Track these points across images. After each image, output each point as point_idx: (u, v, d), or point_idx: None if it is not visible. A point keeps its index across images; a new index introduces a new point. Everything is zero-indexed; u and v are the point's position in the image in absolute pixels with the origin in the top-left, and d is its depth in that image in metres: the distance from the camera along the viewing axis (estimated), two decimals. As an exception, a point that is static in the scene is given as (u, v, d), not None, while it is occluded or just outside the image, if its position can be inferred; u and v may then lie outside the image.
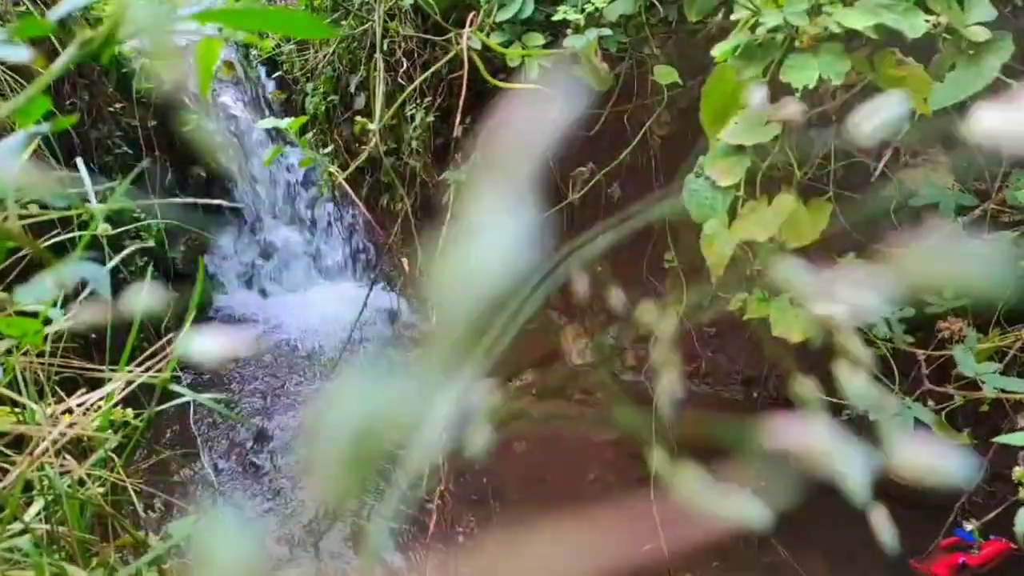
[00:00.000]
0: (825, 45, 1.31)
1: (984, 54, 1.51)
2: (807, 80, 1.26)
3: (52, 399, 0.97)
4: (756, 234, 1.41)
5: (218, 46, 0.49)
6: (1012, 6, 1.68)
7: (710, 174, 1.47)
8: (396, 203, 2.93)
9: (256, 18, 0.43)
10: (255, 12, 0.43)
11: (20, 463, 0.72)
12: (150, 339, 1.19)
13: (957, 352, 1.70)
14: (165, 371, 0.94)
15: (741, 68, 1.39)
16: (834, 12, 1.26)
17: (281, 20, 0.43)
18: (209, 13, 0.43)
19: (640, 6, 1.87)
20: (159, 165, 2.93)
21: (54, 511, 0.91)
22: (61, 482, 0.88)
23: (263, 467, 2.47)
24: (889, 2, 1.31)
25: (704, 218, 1.46)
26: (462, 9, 2.18)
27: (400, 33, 2.44)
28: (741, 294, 1.82)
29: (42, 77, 0.39)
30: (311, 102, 3.17)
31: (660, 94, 2.15)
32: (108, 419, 0.95)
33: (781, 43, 1.35)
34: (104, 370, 0.95)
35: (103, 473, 0.96)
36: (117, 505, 1.06)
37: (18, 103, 0.41)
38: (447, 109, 2.78)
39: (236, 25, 0.44)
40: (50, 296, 0.35)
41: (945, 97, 1.51)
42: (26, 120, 0.43)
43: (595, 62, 1.66)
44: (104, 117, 2.73)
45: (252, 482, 2.41)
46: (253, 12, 0.43)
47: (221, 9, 0.42)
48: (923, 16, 1.32)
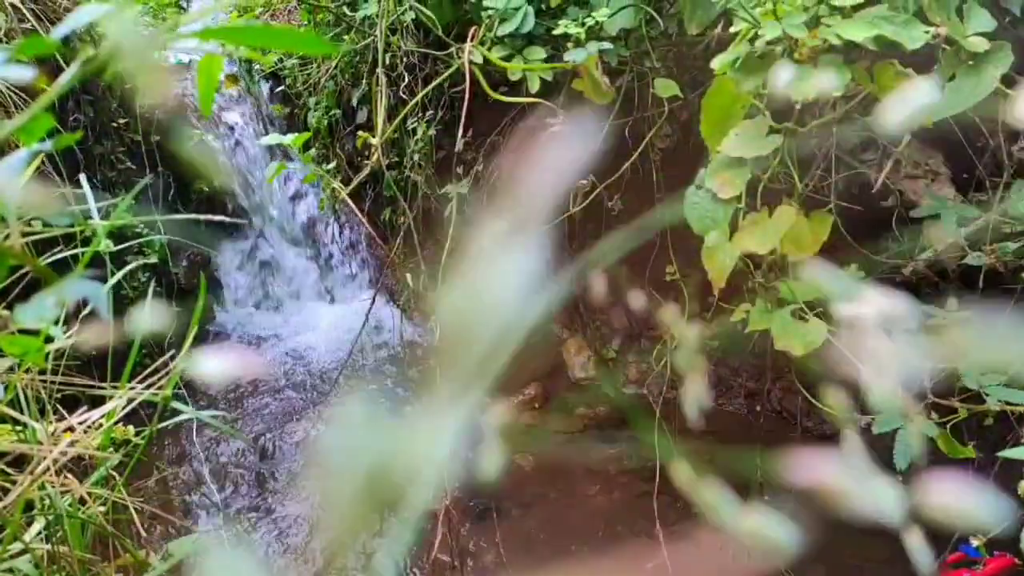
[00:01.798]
0: (824, 57, 1.31)
1: (983, 64, 1.51)
2: (807, 92, 1.26)
3: (53, 416, 0.96)
4: (757, 247, 1.41)
5: (220, 63, 0.49)
6: (1011, 16, 1.68)
7: (711, 186, 1.47)
8: (398, 217, 2.93)
9: (259, 35, 0.43)
10: (258, 30, 0.43)
11: (21, 483, 0.71)
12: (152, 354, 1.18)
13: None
14: (167, 388, 0.94)
15: (741, 80, 1.39)
16: (833, 24, 1.26)
17: (284, 38, 0.43)
18: (211, 31, 0.43)
19: (640, 19, 1.88)
20: (162, 180, 2.93)
21: (55, 531, 0.90)
22: (62, 501, 0.88)
23: (264, 483, 2.46)
24: (888, 13, 1.32)
25: (705, 231, 1.46)
26: (463, 24, 2.18)
27: (402, 48, 2.44)
28: (744, 306, 1.82)
29: (45, 95, 0.39)
30: (313, 116, 3.18)
31: (660, 106, 2.16)
32: (109, 437, 0.95)
33: (780, 55, 1.35)
34: (106, 387, 0.95)
35: (104, 492, 0.95)
36: (118, 524, 1.06)
37: (22, 121, 0.41)
38: (448, 122, 2.79)
39: (239, 43, 0.44)
40: (51, 315, 0.35)
41: (945, 108, 1.51)
42: (30, 138, 0.43)
43: (596, 76, 1.67)
44: (108, 133, 2.74)
45: (253, 498, 2.40)
46: (256, 30, 0.43)
47: (224, 27, 0.42)
48: (923, 27, 1.32)
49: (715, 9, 1.75)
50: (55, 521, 0.90)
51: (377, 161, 1.80)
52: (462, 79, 1.98)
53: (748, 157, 1.41)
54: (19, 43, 0.36)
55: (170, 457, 2.48)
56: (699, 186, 1.49)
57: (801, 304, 1.63)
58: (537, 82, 1.81)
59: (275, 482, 2.47)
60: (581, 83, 1.76)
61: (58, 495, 0.88)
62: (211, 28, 0.42)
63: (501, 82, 2.16)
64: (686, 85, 2.11)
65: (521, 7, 1.82)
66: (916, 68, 1.42)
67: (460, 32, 2.11)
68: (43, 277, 0.42)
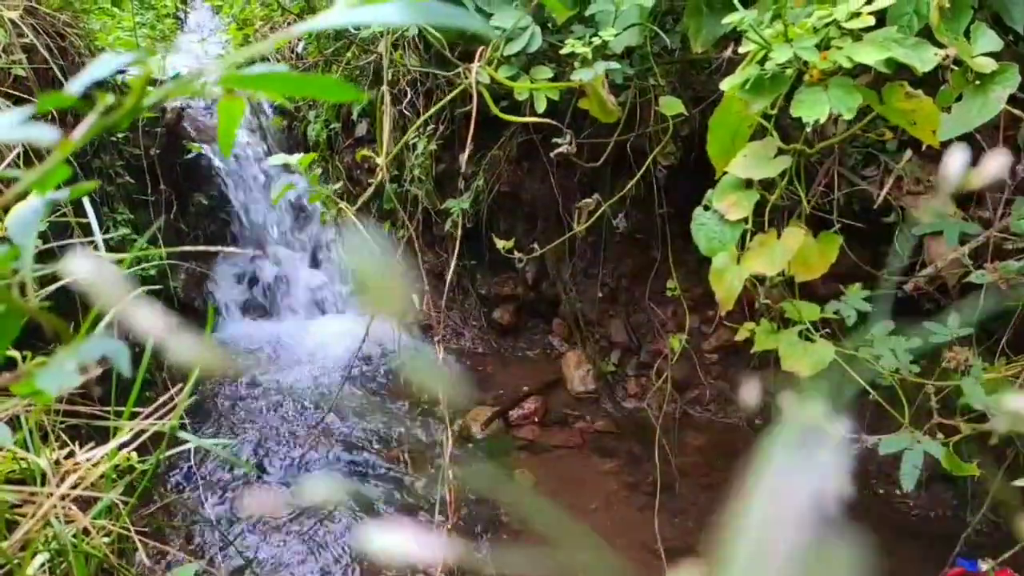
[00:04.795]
0: (835, 79, 1.30)
1: (990, 84, 1.51)
2: (819, 115, 1.25)
3: (56, 443, 0.95)
4: (766, 268, 1.40)
5: (241, 106, 0.48)
6: (1013, 33, 1.68)
7: (718, 208, 1.46)
8: (399, 230, 2.92)
9: (285, 83, 0.41)
10: (284, 77, 0.41)
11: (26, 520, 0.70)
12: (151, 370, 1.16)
13: (966, 384, 1.69)
14: (173, 419, 0.92)
15: (750, 101, 1.39)
16: (844, 47, 1.26)
17: (311, 84, 0.42)
18: (236, 78, 0.42)
19: (646, 37, 1.87)
20: (163, 195, 2.91)
21: (58, 563, 0.88)
22: (66, 534, 0.86)
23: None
24: (898, 36, 1.31)
25: (713, 252, 1.45)
26: (467, 39, 2.17)
27: (406, 64, 2.44)
28: (748, 324, 1.81)
29: (65, 146, 0.38)
30: (313, 129, 3.17)
31: (663, 122, 2.15)
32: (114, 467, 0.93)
33: (790, 77, 1.35)
34: (110, 418, 0.93)
35: (108, 524, 0.93)
36: (122, 553, 1.04)
37: (39, 174, 0.39)
38: (449, 136, 2.78)
39: (264, 89, 0.42)
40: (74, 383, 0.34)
41: (953, 128, 1.51)
42: (44, 189, 0.41)
43: (603, 95, 1.66)
44: (106, 146, 2.71)
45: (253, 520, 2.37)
46: (282, 77, 0.41)
47: (250, 74, 0.41)
48: (933, 49, 1.31)
49: (720, 28, 1.75)
50: (59, 553, 0.88)
51: (382, 180, 1.78)
52: (465, 96, 1.97)
53: (756, 179, 1.40)
54: (42, 98, 0.35)
55: (170, 481, 2.46)
56: (707, 206, 1.48)
57: (807, 324, 1.62)
58: (544, 102, 1.80)
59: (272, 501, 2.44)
60: (587, 102, 1.75)
61: (62, 527, 0.86)
62: (236, 75, 0.41)
63: (503, 96, 2.15)
64: (688, 101, 2.11)
65: (528, 26, 1.81)
66: (918, 85, 1.41)
67: (465, 50, 2.10)
68: (60, 333, 0.41)
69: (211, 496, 2.41)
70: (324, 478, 2.26)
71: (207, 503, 2.37)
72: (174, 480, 2.46)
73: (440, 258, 3.16)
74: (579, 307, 3.23)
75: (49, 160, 0.38)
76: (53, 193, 0.43)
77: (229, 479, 2.49)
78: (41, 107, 0.35)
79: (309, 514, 2.39)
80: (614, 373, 3.18)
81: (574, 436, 2.96)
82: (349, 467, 2.64)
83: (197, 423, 2.70)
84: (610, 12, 1.84)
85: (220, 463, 2.48)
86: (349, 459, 2.67)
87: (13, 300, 0.41)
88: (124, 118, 0.37)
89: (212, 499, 2.40)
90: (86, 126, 0.39)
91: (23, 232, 0.40)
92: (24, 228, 0.40)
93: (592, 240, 3.03)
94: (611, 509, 2.60)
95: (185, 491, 2.41)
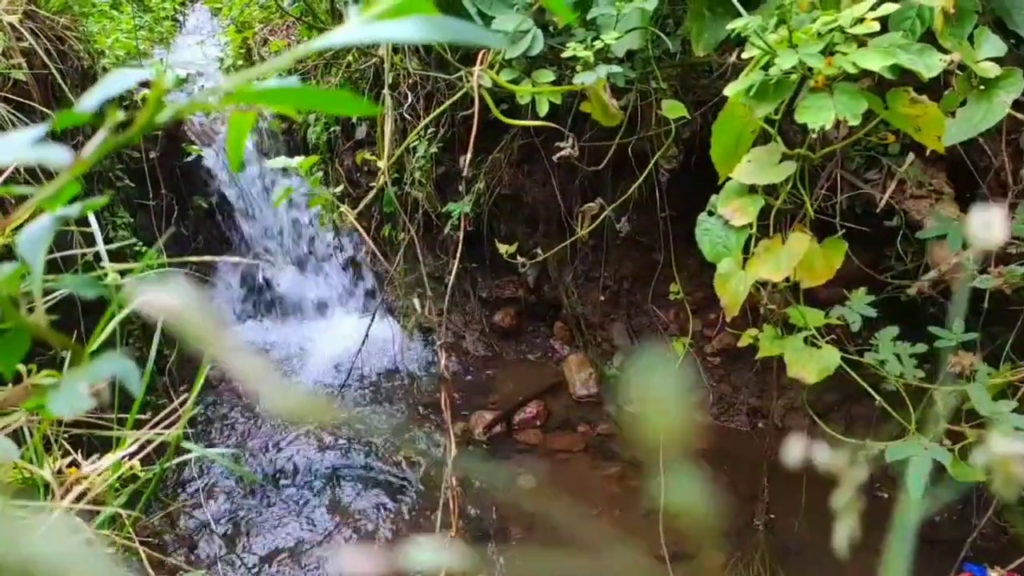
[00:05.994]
0: (840, 84, 1.29)
1: (994, 89, 1.51)
2: (824, 121, 1.24)
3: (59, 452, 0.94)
4: (771, 274, 1.39)
5: (251, 119, 0.47)
6: (1015, 37, 1.67)
7: (723, 213, 1.45)
8: (399, 233, 2.91)
9: (299, 97, 0.41)
10: (297, 91, 0.41)
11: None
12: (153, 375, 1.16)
13: (972, 390, 1.68)
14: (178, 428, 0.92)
15: (754, 107, 1.38)
16: (849, 53, 1.25)
17: (325, 99, 0.41)
18: (248, 92, 0.41)
19: (647, 41, 1.87)
20: (163, 199, 2.90)
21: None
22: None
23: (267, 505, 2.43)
24: (903, 41, 1.30)
25: (717, 258, 1.44)
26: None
27: (407, 67, 2.43)
28: (751, 330, 1.80)
29: (76, 166, 0.37)
30: (313, 132, 3.16)
31: (665, 125, 2.14)
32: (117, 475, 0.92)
33: (794, 82, 1.34)
34: (113, 428, 0.92)
35: (112, 535, 0.93)
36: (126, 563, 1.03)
37: (50, 192, 0.38)
38: (449, 139, 2.78)
39: (277, 104, 0.42)
40: (85, 406, 0.33)
41: (957, 134, 1.50)
42: (53, 206, 0.41)
43: (605, 99, 1.65)
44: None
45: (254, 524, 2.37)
46: (295, 91, 0.41)
47: (264, 89, 0.40)
48: (938, 55, 1.31)
49: (722, 32, 1.74)
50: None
51: (383, 185, 1.78)
52: (466, 99, 1.96)
53: (761, 184, 1.39)
54: (56, 116, 0.34)
55: (173, 488, 2.45)
56: (711, 212, 1.48)
57: (812, 330, 1.61)
58: (546, 105, 1.79)
59: (275, 506, 2.44)
60: (589, 105, 1.75)
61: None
62: (253, 90, 0.40)
63: (504, 99, 2.14)
64: (690, 104, 2.10)
65: (530, 30, 1.80)
66: (922, 91, 1.40)
67: (465, 52, 2.10)
68: (71, 353, 0.40)
69: (213, 503, 2.40)
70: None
71: (210, 510, 2.36)
72: (176, 487, 2.46)
73: (441, 261, 3.15)
74: (581, 310, 3.22)
75: (59, 178, 0.38)
76: (63, 209, 0.43)
77: (231, 486, 2.48)
78: (58, 125, 0.34)
79: (309, 515, 2.38)
80: (616, 376, 3.18)
81: (576, 440, 2.95)
82: (350, 472, 2.63)
83: (199, 431, 2.70)
84: (612, 15, 1.83)
85: (224, 472, 2.47)
86: (351, 464, 2.66)
87: (22, 319, 0.40)
88: (137, 134, 0.37)
89: (214, 506, 2.39)
90: (97, 143, 0.38)
91: (33, 249, 0.39)
92: (34, 245, 0.39)
93: (594, 243, 3.02)
94: (614, 513, 2.60)
95: (188, 498, 2.40)
